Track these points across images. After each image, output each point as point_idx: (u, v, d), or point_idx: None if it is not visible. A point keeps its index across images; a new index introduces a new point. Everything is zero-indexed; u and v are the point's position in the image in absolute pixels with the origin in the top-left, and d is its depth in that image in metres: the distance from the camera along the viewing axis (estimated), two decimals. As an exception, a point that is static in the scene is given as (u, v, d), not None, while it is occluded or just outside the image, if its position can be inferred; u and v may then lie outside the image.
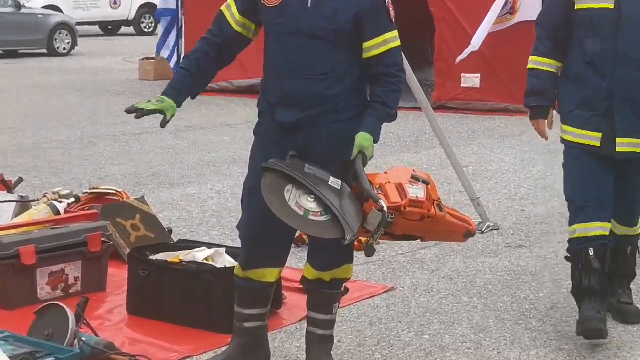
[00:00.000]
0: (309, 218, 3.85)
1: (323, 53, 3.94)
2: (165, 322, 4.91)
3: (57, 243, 5.26)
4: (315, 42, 3.91)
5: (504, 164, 9.57)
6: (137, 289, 5.08)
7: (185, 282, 4.93)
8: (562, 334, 4.86)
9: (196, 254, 5.14)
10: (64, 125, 11.98)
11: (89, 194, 6.54)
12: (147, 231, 6.05)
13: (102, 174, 8.70)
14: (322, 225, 3.86)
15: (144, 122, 12.72)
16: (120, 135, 11.12)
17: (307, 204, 3.83)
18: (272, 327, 4.70)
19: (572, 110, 4.68)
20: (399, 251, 6.35)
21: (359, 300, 5.29)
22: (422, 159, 9.86)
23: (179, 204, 7.51)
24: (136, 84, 16.85)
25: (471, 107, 13.28)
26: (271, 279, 4.26)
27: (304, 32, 3.89)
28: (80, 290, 5.28)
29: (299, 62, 3.93)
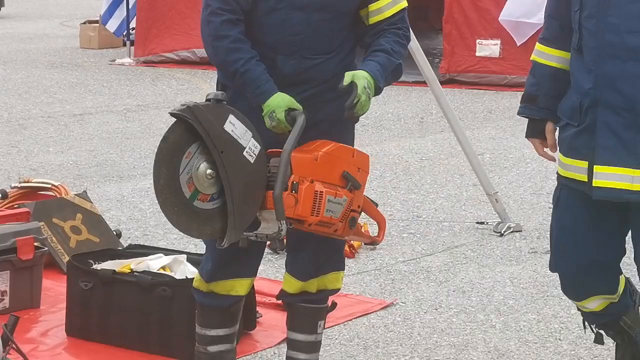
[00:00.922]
0: (192, 204, 3.79)
1: (331, 29, 4.03)
2: (113, 345, 4.91)
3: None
4: (326, 16, 3.99)
5: (527, 152, 9.38)
6: (79, 305, 5.07)
7: (137, 296, 4.93)
8: (598, 358, 4.89)
9: (150, 262, 5.16)
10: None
11: (19, 188, 6.53)
12: (91, 234, 6.06)
13: (34, 163, 8.69)
14: (204, 215, 3.83)
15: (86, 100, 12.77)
16: (57, 117, 11.10)
17: (202, 180, 3.77)
18: (243, 351, 4.75)
19: (562, 125, 3.91)
20: (399, 258, 6.38)
21: (351, 318, 5.30)
22: (427, 145, 9.91)
23: (130, 200, 7.51)
24: (77, 53, 16.89)
25: (488, 81, 13.39)
26: (241, 292, 4.27)
27: (315, 5, 3.95)
28: (9, 307, 5.27)
29: (305, 40, 3.99)
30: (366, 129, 3.86)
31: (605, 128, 3.43)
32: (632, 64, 3.31)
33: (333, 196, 3.79)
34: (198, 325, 4.31)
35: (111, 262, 5.18)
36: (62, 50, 17.11)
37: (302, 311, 4.29)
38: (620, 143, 3.40)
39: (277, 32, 4.00)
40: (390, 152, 9.50)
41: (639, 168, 3.36)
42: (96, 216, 6.19)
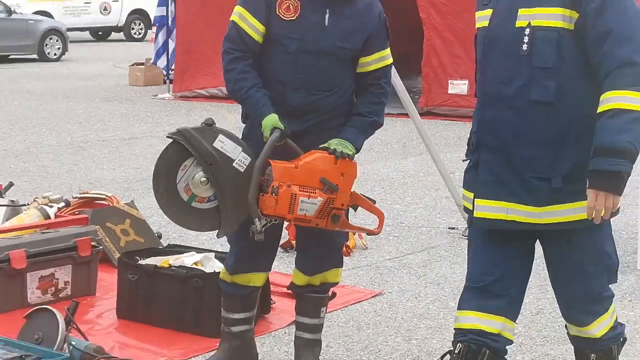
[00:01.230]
0: (191, 205, 3.87)
1: (335, 70, 4.00)
2: (155, 326, 4.91)
3: (47, 247, 5.26)
4: (331, 60, 3.95)
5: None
6: (127, 293, 5.07)
7: (174, 286, 4.92)
8: (547, 339, 4.89)
9: (185, 258, 5.17)
10: (54, 130, 11.96)
11: (79, 198, 6.53)
12: (137, 236, 6.05)
13: (91, 178, 8.69)
14: (202, 214, 3.90)
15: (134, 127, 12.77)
16: (110, 140, 11.11)
17: (198, 186, 3.83)
18: (260, 331, 4.73)
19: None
20: (386, 256, 6.39)
21: (347, 304, 5.30)
22: (409, 165, 9.93)
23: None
24: (126, 89, 16.84)
25: (458, 113, 13.30)
26: (258, 284, 4.29)
27: (323, 51, 3.93)
28: (70, 294, 5.27)
29: (310, 79, 3.96)
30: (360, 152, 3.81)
31: (485, 166, 3.31)
32: (505, 111, 3.21)
33: (307, 198, 3.78)
34: (223, 310, 4.30)
35: (153, 259, 5.19)
36: (114, 87, 17.11)
37: (308, 299, 4.28)
38: (497, 179, 3.27)
39: (287, 71, 3.96)
40: (379, 170, 9.50)
41: (513, 201, 3.23)
42: (141, 221, 6.19)
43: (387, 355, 4.60)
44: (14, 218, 6.23)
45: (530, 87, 3.16)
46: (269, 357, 4.56)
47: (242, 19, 3.95)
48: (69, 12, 29.23)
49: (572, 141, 3.16)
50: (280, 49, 3.95)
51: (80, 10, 30.10)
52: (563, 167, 3.17)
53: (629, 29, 3.05)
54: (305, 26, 3.92)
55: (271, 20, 3.92)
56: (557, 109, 3.14)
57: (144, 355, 4.50)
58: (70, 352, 4.23)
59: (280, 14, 3.90)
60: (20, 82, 17.86)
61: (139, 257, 5.21)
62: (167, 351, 4.60)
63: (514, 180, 3.23)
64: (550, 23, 3.11)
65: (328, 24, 3.92)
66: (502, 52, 3.24)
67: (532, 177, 3.19)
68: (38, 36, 23.10)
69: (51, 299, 5.18)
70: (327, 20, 3.92)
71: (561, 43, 3.10)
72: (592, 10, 3.04)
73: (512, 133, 3.20)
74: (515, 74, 3.19)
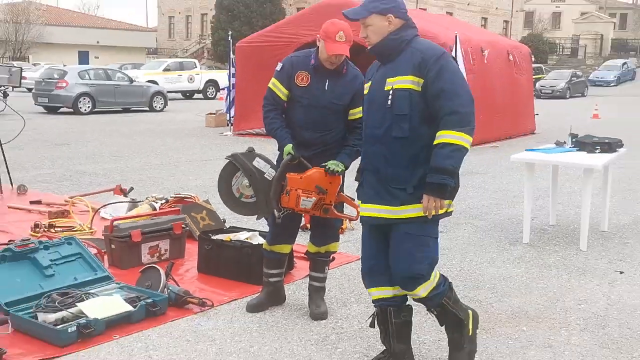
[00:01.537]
0: (240, 199, 4.07)
1: (331, 117, 4.05)
2: (221, 277, 4.95)
3: (154, 228, 5.33)
4: (328, 111, 4.02)
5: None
6: (203, 257, 5.12)
7: (233, 253, 4.96)
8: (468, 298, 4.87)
9: (240, 235, 5.22)
10: (158, 155, 12.01)
11: (174, 197, 6.58)
12: (210, 221, 6.09)
13: (182, 185, 8.73)
14: (248, 206, 4.07)
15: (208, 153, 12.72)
16: (193, 161, 11.16)
17: (245, 189, 4.02)
18: (287, 281, 4.76)
19: None
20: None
21: (341, 264, 5.31)
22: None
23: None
24: (203, 129, 16.83)
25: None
26: (286, 251, 4.36)
27: (323, 105, 4.00)
28: (168, 257, 5.34)
29: (316, 123, 4.02)
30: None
31: (367, 182, 3.33)
32: (378, 145, 3.26)
33: (306, 198, 3.88)
34: (264, 268, 4.36)
35: (220, 235, 5.24)
36: (196, 128, 17.13)
37: (318, 262, 4.32)
38: (374, 191, 3.29)
39: (301, 117, 4.03)
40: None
41: (382, 204, 3.25)
42: (212, 212, 6.23)
43: (367, 296, 4.60)
44: (133, 210, 6.31)
45: (392, 128, 3.21)
46: (292, 297, 4.60)
47: (274, 85, 4.07)
48: (168, 81, 29.36)
49: (421, 163, 3.19)
50: (298, 104, 4.04)
51: (175, 80, 30.30)
52: (414, 180, 3.20)
53: (455, 89, 3.12)
54: (313, 90, 4.00)
55: (292, 86, 4.03)
56: (410, 142, 3.20)
57: (214, 296, 4.53)
58: (168, 293, 4.31)
59: (298, 83, 4.01)
60: (137, 125, 17.93)
61: (211, 234, 5.26)
62: (229, 293, 4.64)
63: (383, 190, 3.26)
64: (404, 86, 3.17)
65: (327, 89, 4.00)
66: (376, 107, 3.28)
67: (394, 187, 3.23)
68: (149, 96, 23.15)
69: (156, 260, 5.23)
70: (327, 86, 4.00)
71: (412, 99, 3.16)
72: (431, 77, 3.12)
73: (383, 159, 3.25)
74: (383, 121, 3.23)
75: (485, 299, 4.62)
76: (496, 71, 14.78)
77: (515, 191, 8.63)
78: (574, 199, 8.16)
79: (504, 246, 6.05)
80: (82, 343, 3.71)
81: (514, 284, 4.97)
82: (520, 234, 6.37)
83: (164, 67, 31.15)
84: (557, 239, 6.35)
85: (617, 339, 3.97)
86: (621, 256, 5.77)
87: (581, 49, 54.30)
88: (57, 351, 3.61)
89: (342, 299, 4.58)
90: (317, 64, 4.00)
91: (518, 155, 6.34)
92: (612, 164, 6.52)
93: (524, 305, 4.51)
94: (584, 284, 5.00)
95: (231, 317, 4.22)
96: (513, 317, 4.30)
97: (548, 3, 68.12)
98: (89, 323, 3.78)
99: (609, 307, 4.50)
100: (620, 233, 6.60)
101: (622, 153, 6.58)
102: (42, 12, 51.12)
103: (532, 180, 6.34)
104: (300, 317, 4.22)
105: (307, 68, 4.01)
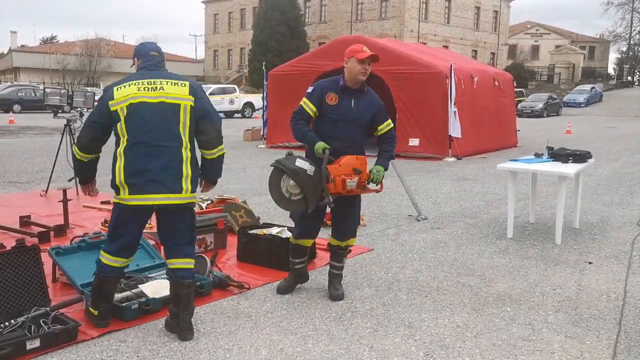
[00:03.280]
0: (290, 199, 3.90)
1: (356, 130, 4.02)
2: (256, 265, 4.95)
3: (202, 224, 5.32)
4: (354, 125, 3.99)
5: (429, 185, 9.50)
6: (242, 248, 5.13)
7: (266, 245, 4.97)
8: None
9: (272, 230, 5.23)
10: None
11: (218, 199, 6.62)
12: (247, 218, 6.09)
13: (224, 189, 8.76)
14: (297, 202, 3.91)
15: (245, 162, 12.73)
16: (234, 169, 11.16)
17: (292, 188, 3.87)
18: (310, 268, 4.77)
19: None
20: (375, 230, 6.37)
21: (355, 255, 5.29)
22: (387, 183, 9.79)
23: (263, 204, 7.54)
24: (242, 143, 16.88)
25: (413, 156, 13.11)
26: (309, 245, 4.35)
27: (349, 120, 3.97)
28: (213, 248, 5.36)
29: (343, 135, 3.99)
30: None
31: None
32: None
33: (350, 179, 3.85)
34: (290, 257, 4.34)
35: (256, 230, 5.25)
36: (236, 142, 17.17)
37: (338, 254, 4.29)
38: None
39: (331, 130, 3.98)
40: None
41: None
42: (249, 211, 6.23)
43: (376, 281, 4.62)
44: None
45: None
46: (315, 282, 4.59)
47: (305, 103, 4.05)
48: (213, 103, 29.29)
49: None
50: (328, 119, 4.01)
51: (219, 102, 30.22)
52: None
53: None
54: (340, 108, 3.98)
55: (322, 104, 4.00)
56: None
57: (251, 280, 4.53)
58: (213, 278, 4.32)
59: (328, 102, 3.99)
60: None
61: (248, 229, 5.25)
62: (263, 278, 4.64)
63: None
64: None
65: (353, 106, 3.98)
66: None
67: None
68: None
69: (203, 250, 5.25)
70: (352, 104, 3.98)
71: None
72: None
73: None
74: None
75: (475, 285, 4.59)
76: (484, 94, 14.73)
77: (501, 194, 8.59)
78: (550, 201, 8.09)
79: (492, 240, 6.01)
80: (142, 318, 3.74)
81: (500, 272, 4.93)
82: (505, 230, 6.33)
83: (209, 91, 31.15)
84: (536, 234, 6.29)
85: (587, 318, 3.92)
86: (590, 249, 5.70)
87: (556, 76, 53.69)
88: (122, 325, 3.64)
89: (356, 284, 4.57)
90: (344, 85, 3.98)
91: (503, 165, 6.30)
92: (582, 172, 6.46)
93: (508, 290, 4.47)
94: (558, 272, 4.94)
95: (264, 297, 4.23)
96: (499, 299, 4.26)
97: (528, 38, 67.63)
98: (148, 301, 3.81)
99: (579, 292, 4.45)
100: (590, 230, 6.52)
101: (591, 163, 6.51)
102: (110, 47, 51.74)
103: (515, 186, 6.30)
104: (321, 299, 4.22)
105: (336, 90, 3.99)
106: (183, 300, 3.47)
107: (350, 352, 3.34)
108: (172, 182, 3.34)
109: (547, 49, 62.89)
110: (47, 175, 8.85)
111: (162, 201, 3.33)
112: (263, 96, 16.09)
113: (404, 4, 45.77)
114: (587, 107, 41.92)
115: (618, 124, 27.20)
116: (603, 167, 11.42)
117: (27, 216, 6.33)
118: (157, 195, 3.31)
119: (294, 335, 3.56)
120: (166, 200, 3.34)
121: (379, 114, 4.04)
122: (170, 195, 3.34)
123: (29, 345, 3.18)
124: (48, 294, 3.73)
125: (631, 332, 3.70)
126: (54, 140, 15.21)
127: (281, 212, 7.02)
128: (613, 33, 68.27)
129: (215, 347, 3.38)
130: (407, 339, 3.53)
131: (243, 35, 57.11)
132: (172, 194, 3.34)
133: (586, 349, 3.44)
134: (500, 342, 3.52)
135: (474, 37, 52.79)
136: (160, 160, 3.30)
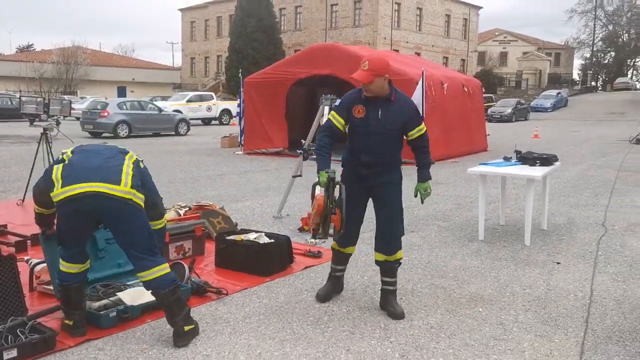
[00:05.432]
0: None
1: (387, 142, 3.90)
2: (234, 271, 4.91)
3: (179, 230, 5.30)
4: (383, 137, 3.86)
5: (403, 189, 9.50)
6: (220, 254, 5.09)
7: (244, 250, 4.93)
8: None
9: (249, 236, 5.19)
10: (182, 170, 11.94)
11: (196, 205, 6.53)
12: (225, 224, 6.05)
13: (202, 195, 8.71)
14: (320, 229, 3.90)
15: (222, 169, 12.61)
16: (211, 176, 11.09)
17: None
18: (287, 273, 4.76)
19: None
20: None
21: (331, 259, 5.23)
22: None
23: (241, 210, 7.49)
24: (219, 150, 16.75)
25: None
26: (352, 252, 4.28)
27: (378, 132, 3.84)
28: (191, 254, 5.31)
29: (374, 147, 3.87)
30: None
31: None
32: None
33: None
34: (332, 264, 4.33)
35: (233, 236, 5.21)
36: (213, 149, 17.06)
37: (389, 268, 4.07)
38: None
39: (361, 143, 3.89)
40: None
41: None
42: (227, 217, 6.18)
43: (352, 284, 4.57)
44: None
45: None
46: (292, 287, 4.57)
47: (333, 117, 3.94)
48: (191, 110, 29.32)
49: None
50: (357, 133, 3.90)
51: (196, 110, 30.22)
52: None
53: None
54: (368, 120, 3.85)
55: (350, 118, 3.89)
56: None
57: (229, 286, 4.50)
58: (191, 284, 4.28)
59: (355, 115, 3.87)
60: (165, 146, 17.85)
61: (226, 236, 5.22)
62: (240, 283, 4.61)
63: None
64: None
65: (380, 117, 3.83)
66: None
67: None
68: (175, 123, 23.00)
69: (181, 257, 5.21)
70: (379, 115, 3.83)
71: None
72: None
73: None
74: None
75: (449, 286, 4.62)
76: (454, 100, 14.86)
77: (472, 197, 8.66)
78: (519, 203, 8.19)
79: (464, 242, 6.05)
80: (121, 326, 3.69)
81: (472, 273, 4.97)
82: (476, 232, 6.39)
83: (187, 99, 31.07)
84: (506, 236, 6.36)
85: (555, 317, 3.97)
86: (558, 250, 5.78)
87: (524, 82, 54.56)
88: (100, 333, 3.59)
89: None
90: (365, 96, 3.84)
91: (474, 169, 6.36)
92: (549, 175, 6.55)
93: (480, 291, 4.51)
94: (528, 272, 5.00)
95: (242, 303, 4.20)
96: (471, 300, 4.30)
97: (496, 45, 68.58)
98: (127, 309, 3.76)
99: (548, 292, 4.51)
100: (557, 231, 6.62)
101: (557, 166, 6.61)
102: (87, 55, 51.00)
103: (485, 189, 6.35)
104: (299, 303, 4.19)
105: (361, 102, 3.83)
106: (167, 310, 3.45)
107: (328, 355, 3.33)
108: (110, 174, 3.11)
109: (515, 55, 63.85)
110: (23, 185, 8.68)
111: (96, 188, 3.02)
112: (239, 103, 16.02)
113: (377, 12, 46.10)
114: (554, 111, 42.65)
115: (582, 128, 27.73)
116: (569, 170, 11.62)
117: (3, 225, 6.20)
118: (91, 184, 3.02)
119: (272, 340, 3.54)
120: (101, 188, 3.02)
121: (410, 121, 3.86)
122: (106, 184, 3.04)
123: (6, 355, 3.12)
124: (25, 303, 3.66)
125: (598, 330, 3.76)
126: (30, 149, 14.93)
127: (258, 217, 6.99)
128: (577, 40, 69.89)
129: (194, 353, 3.35)
130: (383, 340, 3.53)
131: (220, 42, 56.86)
132: (108, 183, 3.05)
133: (555, 347, 3.49)
134: (473, 342, 3.55)
135: (445, 44, 53.37)
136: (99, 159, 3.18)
